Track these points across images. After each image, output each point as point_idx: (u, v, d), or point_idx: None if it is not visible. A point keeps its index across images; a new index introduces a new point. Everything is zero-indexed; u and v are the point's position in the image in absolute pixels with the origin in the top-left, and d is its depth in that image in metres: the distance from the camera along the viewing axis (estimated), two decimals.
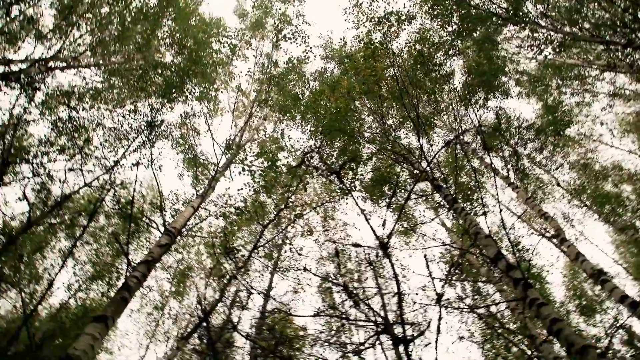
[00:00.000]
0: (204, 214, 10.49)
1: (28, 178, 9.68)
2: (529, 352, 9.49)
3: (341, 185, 9.63)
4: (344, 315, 7.05)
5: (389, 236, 4.33)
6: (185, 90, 11.54)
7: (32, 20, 11.16)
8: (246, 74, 13.33)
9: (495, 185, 5.93)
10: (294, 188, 9.50)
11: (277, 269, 11.86)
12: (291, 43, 12.90)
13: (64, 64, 11.79)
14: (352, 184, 9.58)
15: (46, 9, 11.52)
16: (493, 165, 6.54)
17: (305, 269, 6.47)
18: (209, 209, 10.51)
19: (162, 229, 8.46)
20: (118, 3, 11.66)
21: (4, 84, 9.84)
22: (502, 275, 10.06)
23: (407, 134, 11.61)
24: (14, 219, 10.37)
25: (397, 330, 5.45)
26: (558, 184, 14.23)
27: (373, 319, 5.97)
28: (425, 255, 4.81)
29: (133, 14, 12.06)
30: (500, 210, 4.89)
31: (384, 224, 4.85)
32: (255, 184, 10.05)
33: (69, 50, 11.75)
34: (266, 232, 10.73)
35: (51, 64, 11.27)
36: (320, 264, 12.36)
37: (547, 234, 11.10)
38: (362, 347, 6.71)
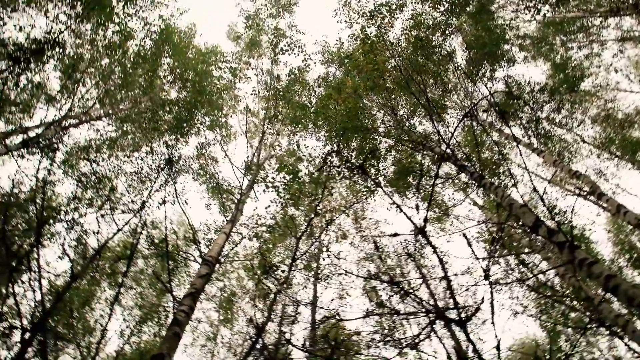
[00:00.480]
0: (237, 238, 10.58)
1: (64, 235, 9.94)
2: (587, 315, 9.25)
3: (366, 184, 9.62)
4: (393, 311, 7.00)
5: (425, 221, 4.29)
6: (196, 122, 11.73)
7: (40, 86, 11.56)
8: (251, 94, 13.49)
9: (520, 154, 5.82)
10: (320, 195, 9.52)
11: (319, 278, 11.87)
12: (289, 55, 13.01)
13: (77, 121, 12.13)
14: (376, 180, 9.56)
15: (51, 72, 11.92)
16: (513, 134, 6.42)
17: (346, 272, 6.45)
18: (241, 233, 10.60)
19: (199, 260, 8.57)
20: (116, 52, 11.96)
21: (26, 151, 10.17)
22: (545, 242, 9.86)
23: (420, 120, 11.54)
24: (58, 277, 10.65)
25: (450, 316, 5.38)
26: (583, 141, 13.91)
27: (423, 309, 5.91)
28: (464, 235, 4.75)
29: (132, 60, 12.35)
30: (530, 178, 4.80)
31: (417, 209, 4.82)
32: (281, 199, 10.11)
33: (79, 107, 12.09)
34: (301, 244, 10.75)
35: (64, 123, 11.60)
36: (360, 265, 12.34)
37: (583, 193, 10.85)
38: (417, 340, 6.64)
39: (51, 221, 10.18)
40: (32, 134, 11.01)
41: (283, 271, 8.70)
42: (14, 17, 9.72)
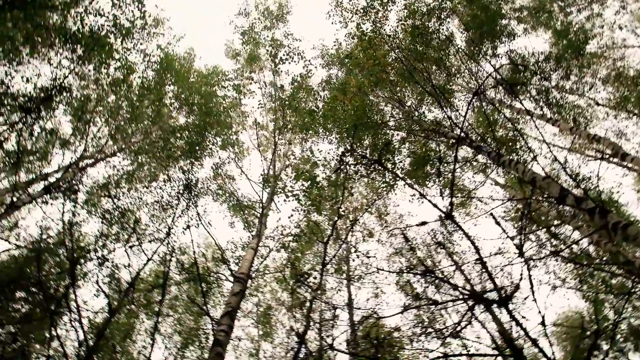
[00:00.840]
0: (265, 252, 10.63)
1: (96, 272, 10.12)
2: (630, 279, 9.03)
3: (384, 179, 9.59)
4: (431, 302, 6.95)
5: (451, 205, 4.25)
6: (207, 143, 11.86)
7: (53, 132, 11.82)
8: (258, 108, 13.57)
9: (535, 126, 5.75)
10: (341, 197, 9.52)
11: (351, 280, 11.84)
12: (289, 63, 13.05)
13: (93, 160, 12.35)
14: (395, 172, 9.52)
15: (61, 117, 12.20)
16: (525, 108, 6.33)
17: (378, 270, 6.42)
18: (268, 246, 10.65)
19: (231, 278, 8.64)
20: (121, 87, 12.16)
21: (49, 197, 10.40)
22: (574, 211, 9.69)
23: (429, 108, 11.48)
24: (97, 314, 10.83)
25: (490, 298, 5.30)
26: (597, 104, 13.67)
27: (461, 295, 5.84)
28: (492, 215, 4.69)
29: (137, 92, 12.54)
30: (550, 149, 4.72)
31: (441, 194, 4.78)
32: (302, 207, 10.13)
33: (93, 146, 12.33)
34: (329, 249, 10.76)
35: (81, 164, 11.83)
36: (391, 261, 12.27)
37: (605, 156, 10.64)
38: (459, 328, 6.57)
39: (82, 261, 10.37)
40: (52, 179, 11.27)
41: (315, 278, 8.71)
42: (20, 70, 9.99)
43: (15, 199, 9.79)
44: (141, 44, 12.40)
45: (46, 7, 9.81)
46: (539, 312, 4.04)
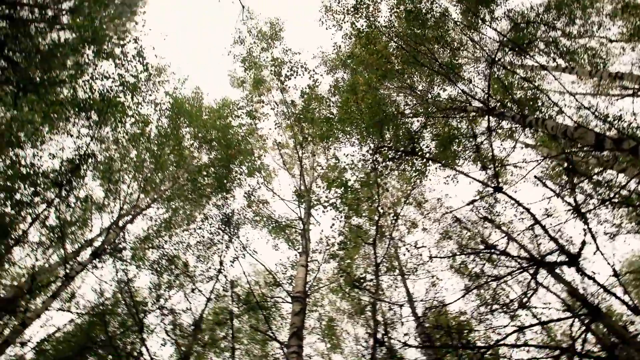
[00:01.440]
0: (315, 266, 10.66)
1: (158, 322, 10.34)
2: None
3: (414, 167, 9.52)
4: (492, 278, 6.82)
5: (496, 177, 4.17)
6: (234, 174, 12.03)
7: (87, 199, 12.20)
8: (276, 128, 13.67)
9: (554, 78, 5.62)
10: (377, 196, 9.48)
11: (405, 275, 11.74)
12: (294, 78, 13.15)
13: (130, 216, 12.66)
14: (425, 157, 9.44)
15: (92, 182, 12.59)
16: (540, 63, 6.20)
17: (431, 257, 6.34)
18: (316, 259, 10.68)
19: (288, 299, 8.70)
20: (140, 141, 12.47)
21: (97, 261, 10.72)
22: (613, 154, 9.41)
23: (442, 87, 11.37)
24: None
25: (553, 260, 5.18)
26: (610, 40, 13.29)
27: (522, 265, 5.72)
28: (536, 177, 4.59)
29: (157, 142, 12.84)
30: (574, 97, 4.61)
31: (484, 169, 4.70)
32: (341, 213, 10.13)
33: (127, 203, 12.64)
34: (377, 249, 10.72)
35: (120, 222, 12.15)
36: (440, 247, 12.12)
37: (636, 91, 10.32)
38: (525, 298, 6.43)
39: (142, 315, 10.62)
40: (97, 243, 11.61)
41: (371, 280, 8.68)
42: (44, 148, 10.39)
43: (68, 271, 10.11)
44: (150, 94, 12.71)
45: (55, 84, 10.18)
46: (608, 263, 3.91)
